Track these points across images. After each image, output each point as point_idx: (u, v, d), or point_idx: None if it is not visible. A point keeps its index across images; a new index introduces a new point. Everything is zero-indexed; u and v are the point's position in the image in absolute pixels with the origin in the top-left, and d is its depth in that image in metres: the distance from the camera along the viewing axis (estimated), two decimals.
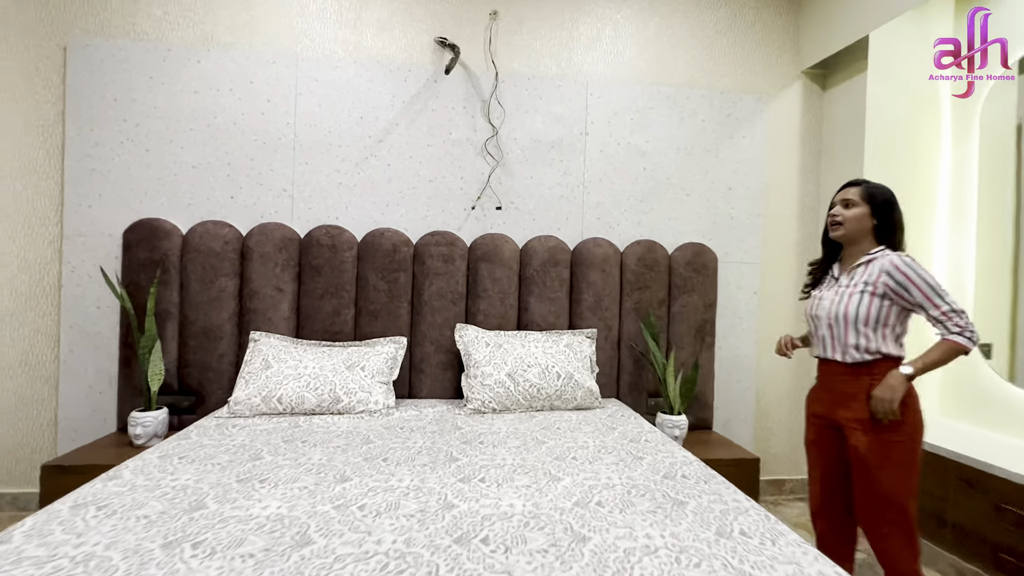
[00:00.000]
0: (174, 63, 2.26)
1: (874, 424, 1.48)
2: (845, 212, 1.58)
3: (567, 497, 1.32)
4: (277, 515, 1.18)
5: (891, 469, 1.47)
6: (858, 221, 1.56)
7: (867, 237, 1.57)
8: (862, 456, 1.50)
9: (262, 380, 2.02)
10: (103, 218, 2.23)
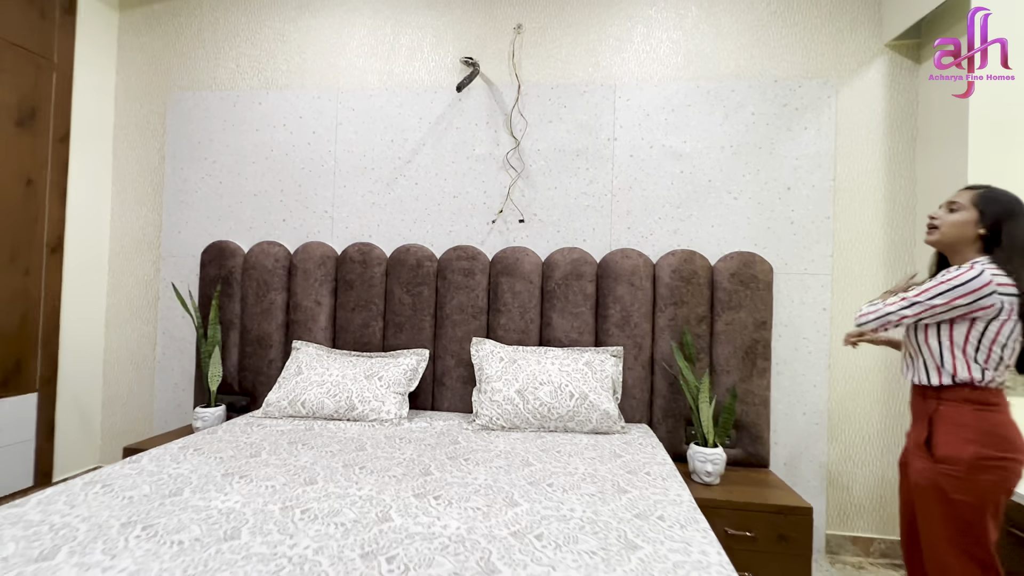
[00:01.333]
0: (241, 107, 2.62)
1: (928, 454, 1.33)
2: (946, 217, 1.39)
3: (510, 525, 1.23)
4: (227, 509, 1.27)
5: (944, 509, 1.30)
6: (958, 228, 1.36)
7: (970, 247, 1.36)
8: (916, 483, 1.37)
9: (292, 385, 2.21)
10: (188, 241, 2.65)
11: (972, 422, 1.32)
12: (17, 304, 2.31)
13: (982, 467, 1.28)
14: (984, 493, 1.28)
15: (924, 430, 1.39)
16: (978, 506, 1.29)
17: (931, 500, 1.35)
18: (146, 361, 2.72)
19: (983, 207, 1.34)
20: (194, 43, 2.72)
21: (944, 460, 1.32)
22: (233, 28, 2.69)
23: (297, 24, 2.65)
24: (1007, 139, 1.93)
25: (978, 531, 1.30)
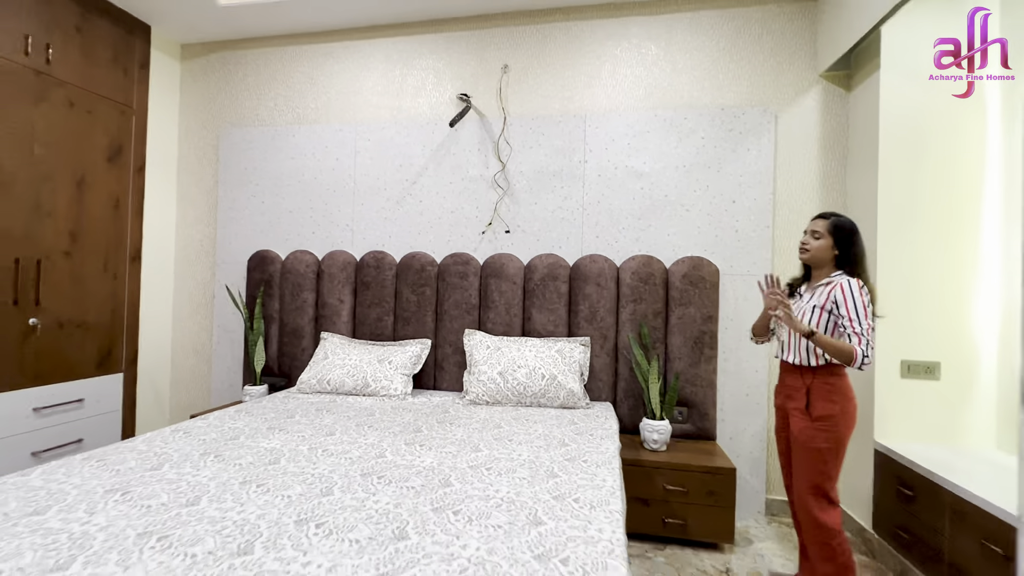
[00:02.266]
0: (279, 139, 3.17)
1: (807, 413, 1.77)
2: (812, 242, 1.84)
3: (470, 463, 1.69)
4: (271, 448, 1.78)
5: (812, 455, 1.75)
6: (822, 251, 1.82)
7: (829, 263, 1.83)
8: (798, 439, 1.79)
9: (320, 367, 2.74)
10: (238, 251, 3.22)
11: (834, 389, 1.74)
12: (108, 303, 2.93)
13: (842, 420, 1.72)
14: (841, 439, 1.73)
15: (803, 398, 1.80)
16: (833, 449, 1.72)
17: (806, 451, 1.76)
18: (204, 349, 3.31)
19: (835, 234, 1.79)
20: (240, 86, 3.29)
21: (819, 419, 1.74)
22: (271, 73, 3.25)
23: (323, 69, 3.18)
24: (910, 158, 2.26)
25: (833, 471, 1.73)
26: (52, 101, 2.59)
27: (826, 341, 1.70)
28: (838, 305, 1.72)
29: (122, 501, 1.33)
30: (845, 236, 1.79)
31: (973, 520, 1.69)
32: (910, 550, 2.01)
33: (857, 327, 1.68)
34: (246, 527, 1.20)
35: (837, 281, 1.76)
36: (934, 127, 2.23)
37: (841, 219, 1.81)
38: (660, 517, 2.27)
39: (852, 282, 1.73)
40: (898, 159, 2.28)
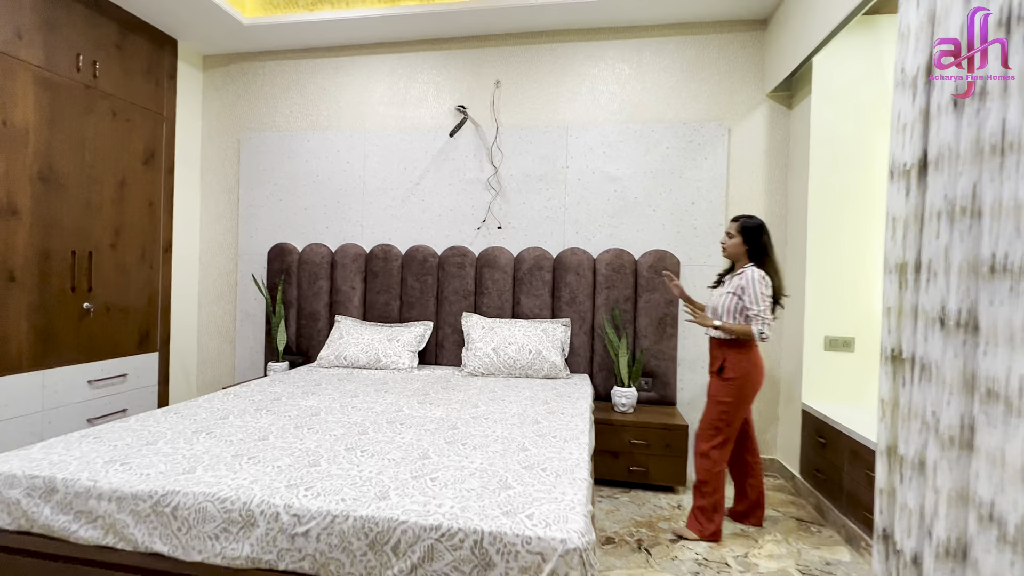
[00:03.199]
0: (294, 144, 3.55)
1: (719, 376, 2.25)
2: (727, 241, 2.29)
3: (471, 415, 2.14)
4: (309, 406, 2.20)
5: (719, 405, 2.23)
6: (734, 248, 2.27)
7: (743, 257, 2.26)
8: (711, 395, 2.28)
9: (337, 345, 3.16)
10: (258, 243, 3.60)
11: (742, 358, 2.20)
12: (145, 290, 3.30)
13: (746, 382, 2.18)
14: (744, 397, 2.20)
15: (719, 364, 2.26)
16: (735, 403, 2.19)
17: (713, 402, 2.24)
18: (227, 332, 3.70)
19: (743, 233, 2.23)
20: (258, 95, 3.65)
21: (728, 379, 2.21)
22: (287, 83, 3.61)
23: (334, 80, 3.55)
24: (833, 166, 2.72)
25: (734, 418, 2.20)
26: (99, 112, 2.95)
27: (729, 328, 2.17)
28: (743, 291, 2.15)
29: (208, 438, 1.75)
30: (751, 234, 2.20)
31: (862, 457, 2.18)
32: (823, 487, 2.51)
33: (755, 309, 2.11)
34: (309, 452, 1.63)
35: (744, 272, 2.19)
36: (853, 142, 2.70)
37: (748, 221, 2.23)
38: (626, 466, 2.74)
39: (755, 273, 2.14)
40: (825, 168, 2.74)
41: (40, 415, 2.68)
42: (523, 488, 1.37)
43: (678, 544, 2.18)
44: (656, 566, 2.01)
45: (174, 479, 1.37)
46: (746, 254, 2.25)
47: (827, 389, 2.74)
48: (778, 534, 2.31)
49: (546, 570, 1.10)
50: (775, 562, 2.07)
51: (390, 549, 1.18)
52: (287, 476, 1.42)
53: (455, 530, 1.16)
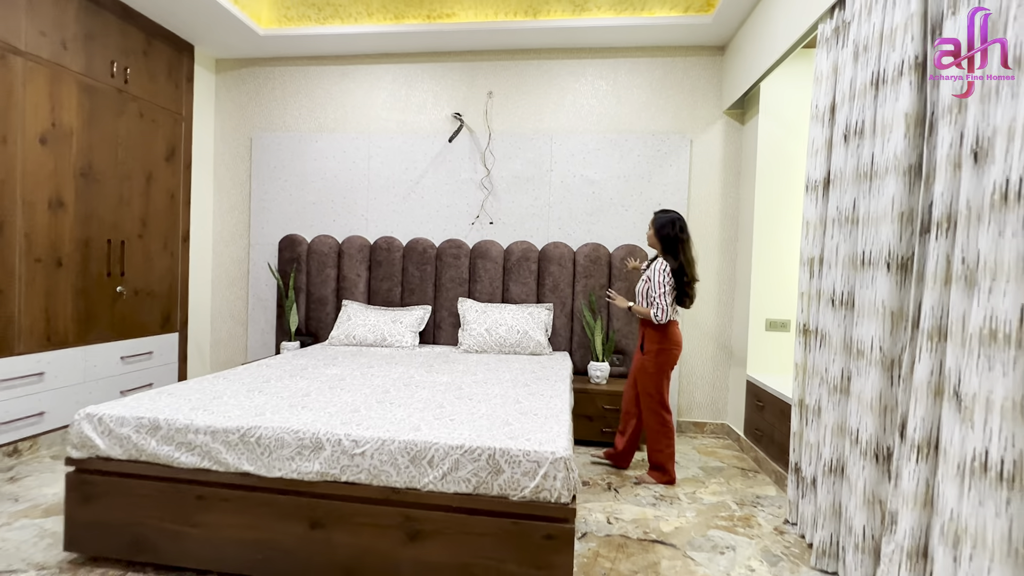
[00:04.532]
0: (303, 144, 3.89)
1: (643, 351, 2.68)
2: (648, 232, 2.71)
3: (473, 380, 2.57)
4: (333, 374, 2.61)
5: (645, 376, 2.67)
6: (649, 240, 2.70)
7: (658, 247, 2.67)
8: (637, 368, 2.71)
9: (346, 326, 3.55)
10: (269, 234, 3.94)
11: (657, 335, 2.63)
12: (167, 276, 3.62)
13: (662, 355, 2.62)
14: (662, 367, 2.64)
15: (639, 340, 2.74)
16: (657, 372, 2.64)
17: (643, 374, 2.69)
18: (240, 315, 4.04)
19: (654, 226, 2.64)
20: (268, 98, 3.97)
21: (647, 353, 2.66)
22: (295, 87, 3.94)
23: (340, 86, 3.89)
24: (775, 174, 3.23)
25: (657, 383, 2.65)
26: (129, 113, 3.25)
27: (636, 310, 2.64)
28: (651, 280, 2.59)
29: (261, 395, 2.14)
30: (659, 228, 2.58)
31: (786, 414, 2.70)
32: (760, 441, 3.04)
33: (655, 295, 2.54)
34: (348, 404, 2.04)
35: (653, 263, 2.63)
36: (790, 156, 3.21)
37: (659, 216, 2.61)
38: (599, 428, 3.23)
39: (658, 263, 2.57)
40: (768, 177, 3.25)
41: (82, 386, 3.01)
42: (521, 425, 1.82)
43: (641, 485, 2.68)
44: (623, 500, 2.50)
45: (252, 418, 1.78)
46: (660, 245, 2.62)
47: (767, 363, 3.27)
48: (722, 479, 2.83)
49: (540, 473, 1.56)
50: (716, 497, 2.58)
51: (426, 463, 1.61)
52: (338, 417, 1.83)
53: (475, 447, 1.60)
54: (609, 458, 2.94)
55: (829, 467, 1.93)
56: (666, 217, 2.62)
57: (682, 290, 2.59)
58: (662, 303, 2.52)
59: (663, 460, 2.69)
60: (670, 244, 2.60)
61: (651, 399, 2.68)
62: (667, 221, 2.61)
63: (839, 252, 1.96)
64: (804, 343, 2.23)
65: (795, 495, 2.25)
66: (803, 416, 2.21)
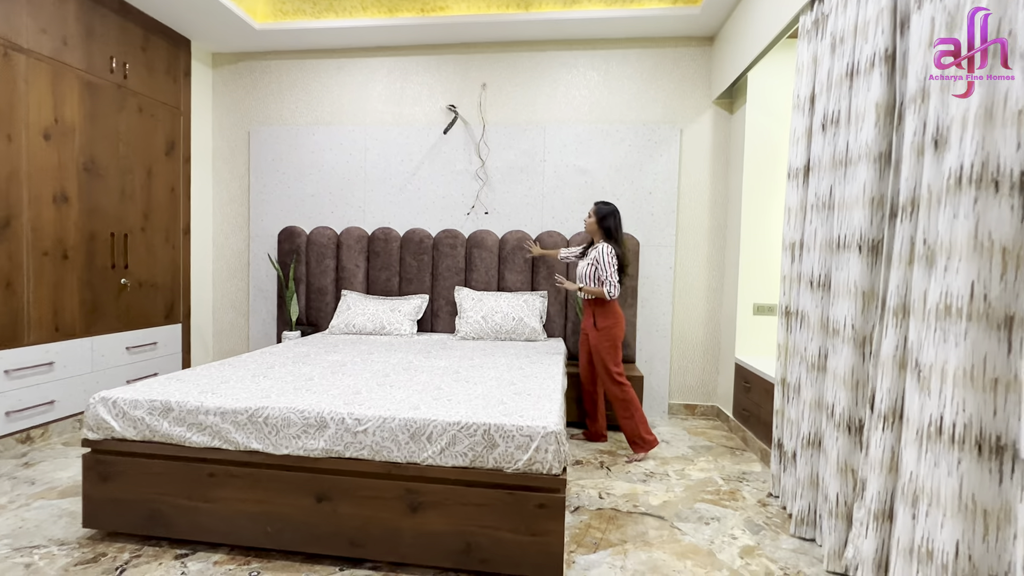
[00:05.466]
0: (300, 137, 3.95)
1: (594, 328, 2.84)
2: (587, 220, 2.89)
3: (469, 364, 2.67)
4: (335, 360, 2.70)
5: (603, 351, 2.83)
6: (591, 227, 2.89)
7: (598, 234, 2.86)
8: (593, 345, 2.86)
9: (346, 316, 3.64)
10: (269, 226, 4.02)
11: (608, 311, 2.82)
12: (170, 268, 3.70)
13: (614, 329, 2.81)
14: (615, 340, 2.82)
15: (591, 318, 2.88)
16: (612, 346, 2.81)
17: (599, 349, 2.84)
18: (241, 306, 4.12)
19: (596, 215, 2.82)
20: (265, 92, 4.02)
21: (601, 329, 2.83)
22: (292, 81, 3.99)
23: (336, 79, 3.95)
24: (764, 165, 3.31)
25: (614, 355, 2.82)
26: (129, 109, 3.30)
27: (588, 289, 2.79)
28: (598, 262, 2.77)
29: (266, 379, 2.23)
30: (602, 217, 2.81)
31: (770, 393, 2.80)
32: (747, 421, 3.16)
33: (604, 275, 2.73)
34: (350, 387, 2.14)
35: (598, 246, 2.80)
36: (776, 145, 3.29)
37: (602, 207, 2.83)
38: None
39: (606, 247, 2.75)
40: (756, 165, 3.33)
41: (91, 375, 3.10)
42: (515, 404, 1.92)
43: (632, 463, 2.79)
44: (615, 477, 2.61)
45: (259, 400, 1.87)
46: (600, 232, 2.85)
47: (754, 346, 3.37)
48: (710, 457, 2.95)
49: (532, 446, 1.66)
50: (703, 473, 2.70)
51: (425, 439, 1.71)
52: (341, 399, 1.93)
53: (471, 424, 1.70)
54: (587, 437, 3.12)
55: (807, 441, 2.04)
56: (608, 209, 2.84)
57: (621, 272, 2.82)
58: (613, 279, 2.73)
59: (634, 428, 2.83)
60: (611, 232, 2.83)
61: (610, 371, 2.83)
62: (609, 212, 2.83)
63: (817, 236, 2.05)
64: (786, 324, 2.33)
65: (777, 469, 2.36)
66: (785, 394, 2.31)
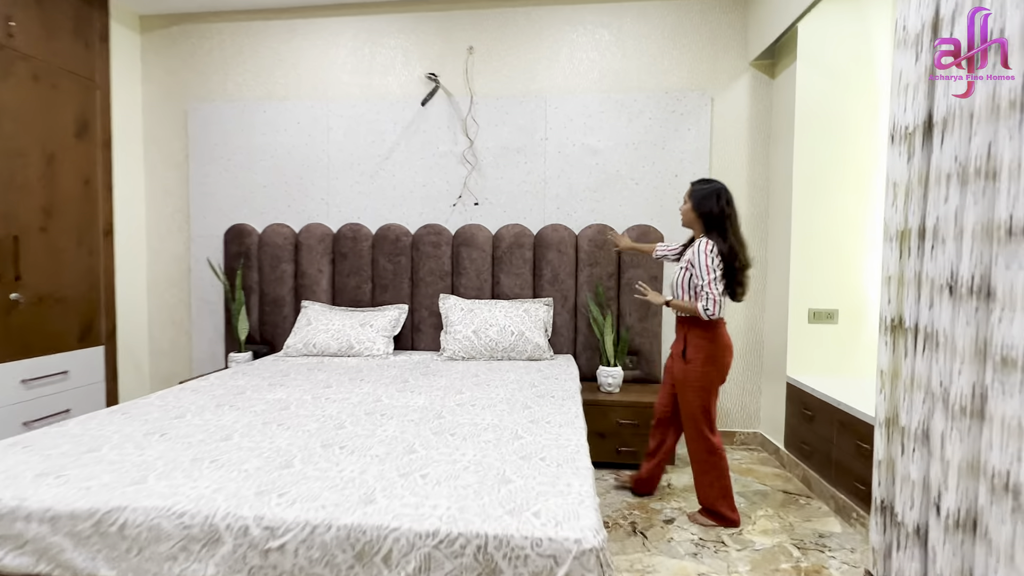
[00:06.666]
0: (248, 115, 3.25)
1: (683, 358, 2.10)
2: (682, 207, 2.16)
3: (456, 402, 2.00)
4: (276, 398, 2.02)
5: (690, 392, 2.08)
6: (686, 215, 2.14)
7: (696, 224, 2.11)
8: (678, 381, 2.13)
9: (304, 333, 2.94)
10: (213, 224, 3.31)
11: (704, 337, 2.06)
12: (85, 277, 2.98)
13: (710, 364, 2.04)
14: (708, 380, 2.05)
15: (681, 344, 2.12)
16: (704, 388, 2.06)
17: (685, 389, 2.09)
18: (182, 321, 3.42)
19: (692, 199, 2.07)
20: (206, 60, 3.31)
21: (690, 362, 2.07)
22: (237, 48, 3.28)
23: (290, 44, 3.25)
24: (819, 137, 2.67)
25: (705, 402, 2.07)
26: (18, 75, 2.58)
27: (677, 304, 2.06)
28: (692, 265, 2.01)
29: (162, 440, 1.55)
30: (700, 200, 2.04)
31: (852, 428, 2.17)
32: (809, 459, 2.51)
33: (700, 284, 1.96)
34: (281, 451, 1.46)
35: (696, 243, 2.03)
36: (837, 109, 2.65)
37: (700, 186, 2.07)
38: (615, 447, 2.68)
39: (701, 243, 1.98)
40: (809, 138, 2.68)
41: None
42: (524, 482, 1.25)
43: (672, 524, 2.13)
44: (654, 549, 1.95)
45: (121, 492, 1.18)
46: (700, 222, 2.08)
47: (811, 362, 2.73)
48: (768, 508, 2.30)
49: (559, 574, 0.99)
50: (769, 538, 2.04)
51: (381, 560, 1.04)
52: (256, 481, 1.25)
53: (455, 535, 1.03)
54: (634, 484, 2.40)
55: (955, 521, 1.39)
56: (708, 188, 2.06)
57: (732, 278, 2.01)
58: (713, 292, 1.94)
59: (714, 500, 2.12)
60: (714, 221, 2.03)
61: (697, 421, 2.10)
62: (710, 192, 2.05)
63: (962, 220, 1.40)
64: (893, 343, 1.68)
65: (882, 542, 1.71)
66: (895, 440, 1.66)
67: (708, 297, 1.95)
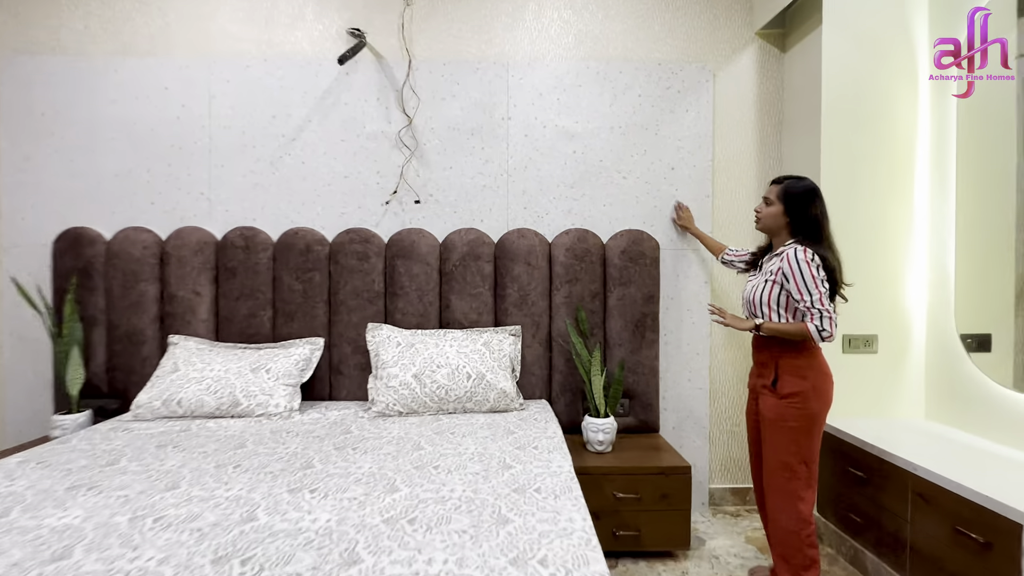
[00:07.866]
0: (93, 75, 2.32)
1: (773, 392, 1.63)
2: (764, 209, 1.70)
3: (385, 513, 1.21)
4: (63, 526, 1.14)
5: (786, 433, 1.60)
6: (773, 219, 1.68)
7: (783, 231, 1.68)
8: (768, 421, 1.64)
9: (166, 383, 2.03)
10: (36, 228, 2.33)
11: (804, 364, 1.60)
12: None
13: (813, 396, 1.58)
14: (814, 417, 1.59)
15: (771, 374, 1.65)
16: (804, 428, 1.58)
17: (775, 429, 1.62)
18: None
19: (785, 200, 1.64)
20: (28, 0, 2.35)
21: (788, 396, 1.60)
22: None
23: None
24: (852, 124, 2.14)
25: (807, 448, 1.59)
26: None
27: (774, 328, 1.60)
28: (787, 278, 1.58)
29: None
30: (796, 201, 1.63)
31: (941, 504, 1.58)
32: (862, 533, 1.92)
33: (806, 300, 1.54)
34: None
35: (785, 252, 1.60)
36: (873, 91, 2.13)
37: (794, 183, 1.66)
38: (611, 529, 1.97)
39: (798, 252, 1.56)
40: (840, 121, 2.15)
41: None
42: None
43: None
44: None
45: None
46: (788, 227, 1.66)
47: (848, 401, 2.16)
48: None
49: None
50: None
51: None
52: None
53: None
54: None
55: None
56: (804, 186, 1.64)
57: (832, 296, 1.58)
58: (825, 308, 1.53)
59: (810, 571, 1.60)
60: (811, 227, 1.61)
61: (791, 472, 1.60)
62: (806, 191, 1.63)
63: None
64: None
65: None
66: None
67: (822, 315, 1.53)
